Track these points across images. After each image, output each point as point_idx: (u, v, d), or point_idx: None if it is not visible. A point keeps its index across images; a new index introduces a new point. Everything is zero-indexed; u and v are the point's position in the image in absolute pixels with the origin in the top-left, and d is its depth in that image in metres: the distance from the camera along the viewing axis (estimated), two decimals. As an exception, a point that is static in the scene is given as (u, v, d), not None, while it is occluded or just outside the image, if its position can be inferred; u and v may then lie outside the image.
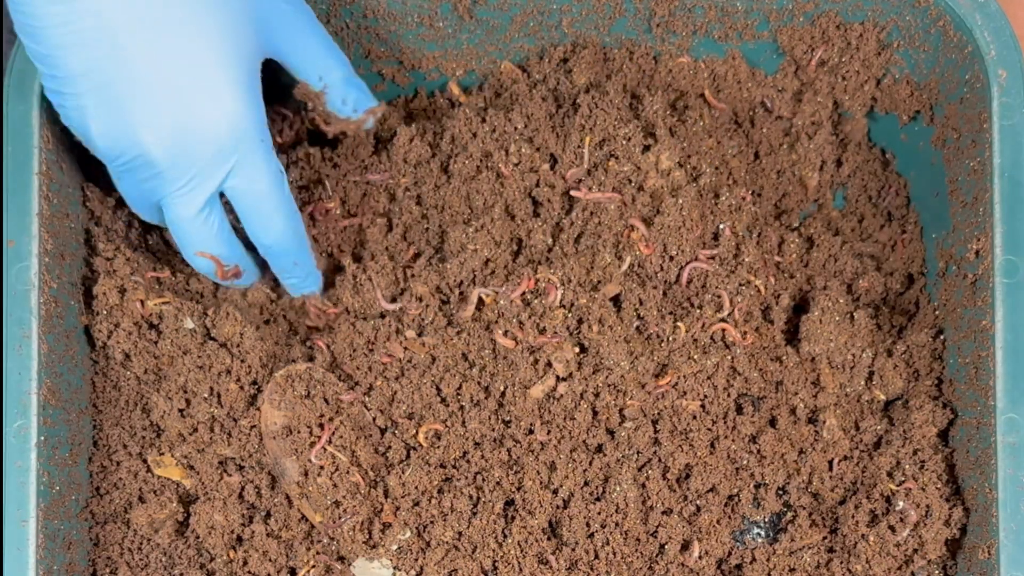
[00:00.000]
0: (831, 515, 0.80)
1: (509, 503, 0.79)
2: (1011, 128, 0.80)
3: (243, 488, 0.80)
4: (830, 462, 0.81)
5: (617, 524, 0.78)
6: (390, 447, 0.79)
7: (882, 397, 0.82)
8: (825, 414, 0.81)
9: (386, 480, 0.78)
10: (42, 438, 0.76)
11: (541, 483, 0.78)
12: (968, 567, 0.77)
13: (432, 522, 0.78)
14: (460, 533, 0.78)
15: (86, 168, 0.86)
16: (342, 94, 0.86)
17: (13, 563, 0.74)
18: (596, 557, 0.78)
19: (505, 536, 0.78)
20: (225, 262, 0.82)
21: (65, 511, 0.78)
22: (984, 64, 0.81)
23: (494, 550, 0.78)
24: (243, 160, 0.77)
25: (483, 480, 0.78)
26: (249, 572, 0.79)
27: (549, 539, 0.78)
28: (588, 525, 0.78)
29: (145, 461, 0.81)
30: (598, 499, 0.79)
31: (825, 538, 0.80)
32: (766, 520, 0.81)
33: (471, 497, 0.78)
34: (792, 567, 0.79)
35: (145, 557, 0.80)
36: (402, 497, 0.78)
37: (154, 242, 0.87)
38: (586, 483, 0.79)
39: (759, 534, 0.80)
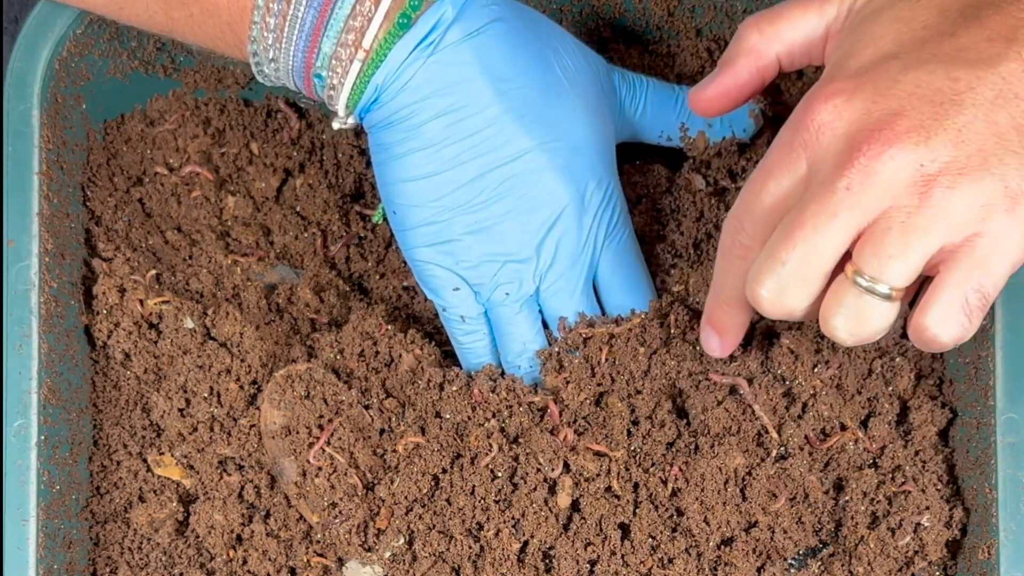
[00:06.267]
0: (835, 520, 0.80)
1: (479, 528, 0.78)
2: (1011, 128, 0.80)
3: (243, 488, 0.80)
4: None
5: (622, 559, 0.77)
6: (387, 449, 0.79)
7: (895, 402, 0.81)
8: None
9: (379, 485, 0.78)
10: (42, 437, 0.76)
11: (509, 533, 0.77)
12: (968, 567, 0.77)
13: (418, 534, 0.77)
14: (442, 550, 0.77)
15: (86, 168, 0.86)
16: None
17: (13, 562, 0.75)
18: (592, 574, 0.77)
19: (478, 569, 0.77)
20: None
21: (65, 510, 0.78)
22: (984, 64, 0.81)
23: (472, 572, 0.77)
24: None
25: (447, 505, 0.77)
26: (249, 572, 0.79)
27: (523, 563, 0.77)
28: (577, 563, 0.77)
29: (145, 461, 0.81)
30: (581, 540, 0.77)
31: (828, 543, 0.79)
32: (800, 553, 0.78)
33: (445, 517, 0.77)
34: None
35: (145, 556, 0.80)
36: (395, 504, 0.78)
37: (154, 242, 0.87)
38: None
39: (792, 565, 0.78)
